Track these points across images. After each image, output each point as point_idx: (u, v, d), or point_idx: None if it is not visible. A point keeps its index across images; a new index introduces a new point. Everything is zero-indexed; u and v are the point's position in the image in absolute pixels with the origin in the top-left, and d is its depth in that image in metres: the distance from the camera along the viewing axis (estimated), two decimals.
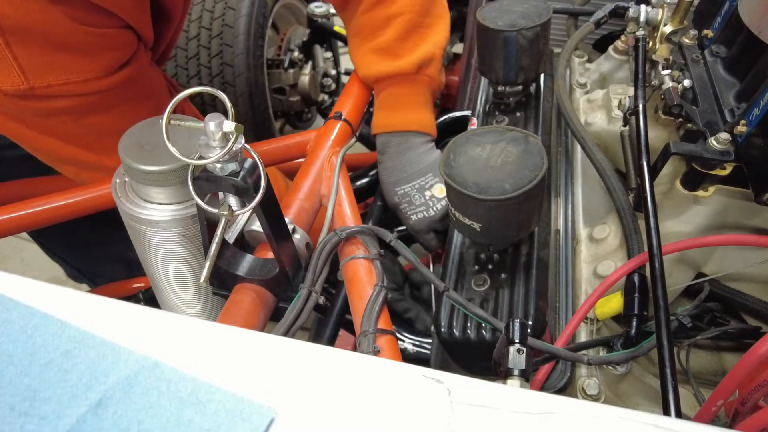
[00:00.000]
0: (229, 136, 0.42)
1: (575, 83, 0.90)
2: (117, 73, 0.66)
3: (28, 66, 0.59)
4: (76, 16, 0.58)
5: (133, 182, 0.58)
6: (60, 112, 0.66)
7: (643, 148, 0.60)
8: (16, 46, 0.57)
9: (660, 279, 0.50)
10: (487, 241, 0.60)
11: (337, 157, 0.74)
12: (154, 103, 0.73)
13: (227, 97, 0.41)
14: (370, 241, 0.61)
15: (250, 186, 0.45)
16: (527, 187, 0.51)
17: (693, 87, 0.64)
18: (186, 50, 1.29)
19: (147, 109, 0.70)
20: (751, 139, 0.54)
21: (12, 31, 0.56)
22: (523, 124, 0.79)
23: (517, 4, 0.76)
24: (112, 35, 0.64)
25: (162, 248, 0.60)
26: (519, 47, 0.73)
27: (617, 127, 0.74)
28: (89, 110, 0.67)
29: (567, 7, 1.01)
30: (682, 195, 0.62)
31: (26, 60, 0.59)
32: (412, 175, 0.80)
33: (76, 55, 0.62)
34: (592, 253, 0.69)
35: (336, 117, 0.80)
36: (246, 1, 1.28)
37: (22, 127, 0.68)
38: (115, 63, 0.65)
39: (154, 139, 0.56)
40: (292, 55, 1.48)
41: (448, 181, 0.54)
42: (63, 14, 0.57)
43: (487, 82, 0.85)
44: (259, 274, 0.56)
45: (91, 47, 0.62)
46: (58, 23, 0.58)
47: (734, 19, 0.64)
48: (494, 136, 0.57)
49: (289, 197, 0.69)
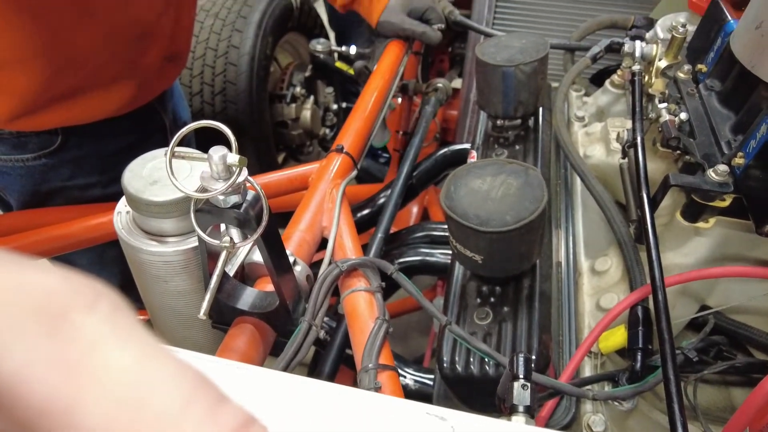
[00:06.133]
0: (232, 169, 0.42)
1: (573, 117, 0.92)
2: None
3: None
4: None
5: (135, 214, 0.58)
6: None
7: (643, 181, 0.60)
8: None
9: (664, 312, 0.50)
10: (489, 273, 0.60)
11: (338, 190, 0.74)
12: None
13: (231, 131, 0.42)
14: (371, 274, 0.60)
15: (253, 218, 0.45)
16: (528, 219, 0.52)
17: (689, 120, 0.65)
18: (190, 87, 1.32)
19: None
20: (749, 171, 0.55)
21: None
22: (522, 157, 0.79)
23: (515, 40, 0.78)
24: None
25: (162, 280, 0.59)
26: (517, 82, 0.74)
27: (616, 159, 0.75)
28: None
29: (564, 43, 1.03)
30: (683, 227, 0.63)
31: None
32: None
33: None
34: (594, 285, 0.69)
35: (338, 150, 0.81)
36: (249, 40, 1.31)
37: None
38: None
39: (158, 172, 0.56)
40: (295, 90, 1.51)
41: (449, 212, 0.54)
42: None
43: (486, 116, 0.86)
44: (259, 307, 0.56)
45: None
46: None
47: (727, 55, 0.66)
48: (494, 168, 0.58)
49: (290, 229, 0.69)
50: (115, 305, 0.19)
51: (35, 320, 0.18)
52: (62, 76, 0.74)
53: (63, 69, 0.73)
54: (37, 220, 0.82)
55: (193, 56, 1.32)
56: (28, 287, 0.18)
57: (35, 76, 0.71)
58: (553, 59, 0.97)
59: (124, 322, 0.19)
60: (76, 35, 0.72)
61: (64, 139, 0.80)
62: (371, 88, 0.96)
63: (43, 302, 0.18)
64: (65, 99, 0.76)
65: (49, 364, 0.17)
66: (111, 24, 0.75)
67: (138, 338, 0.19)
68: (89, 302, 0.19)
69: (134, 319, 0.20)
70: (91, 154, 0.84)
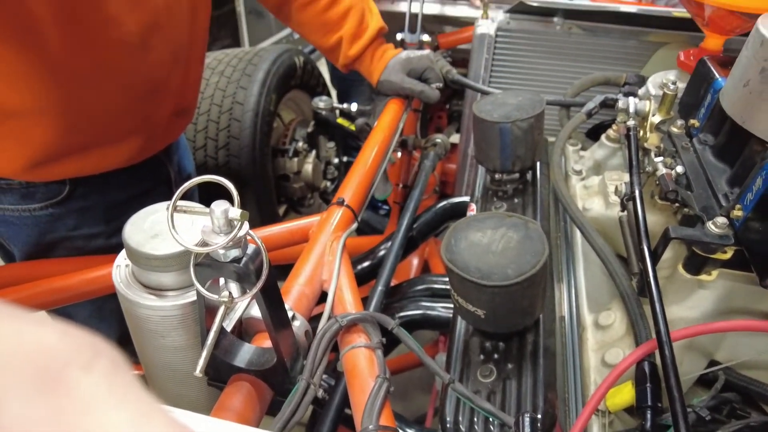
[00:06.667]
0: (234, 223, 0.42)
1: (571, 170, 0.93)
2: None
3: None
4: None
5: (135, 267, 0.58)
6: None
7: (643, 233, 0.60)
8: None
9: (672, 368, 0.48)
10: (492, 329, 0.59)
11: (338, 242, 0.74)
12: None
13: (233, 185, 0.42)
14: (371, 329, 0.59)
15: (252, 272, 0.45)
16: (530, 272, 0.51)
17: (686, 173, 0.66)
18: (194, 142, 1.35)
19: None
20: (749, 223, 0.55)
21: None
22: (521, 210, 0.80)
23: (511, 98, 0.80)
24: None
25: (159, 336, 0.58)
26: (514, 137, 0.76)
27: (615, 212, 0.75)
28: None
29: (559, 100, 1.07)
30: (686, 279, 0.62)
31: None
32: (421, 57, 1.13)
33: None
34: (598, 340, 0.67)
35: (339, 203, 0.82)
36: (253, 97, 1.35)
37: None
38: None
39: (159, 225, 0.57)
40: (297, 145, 1.54)
41: (450, 265, 0.53)
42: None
43: (485, 170, 0.88)
44: (256, 364, 0.54)
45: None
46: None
47: (717, 110, 0.67)
48: (494, 221, 0.58)
49: (290, 282, 0.68)
50: (113, 363, 0.19)
51: (32, 377, 0.17)
52: (76, 129, 0.76)
53: (77, 122, 0.75)
54: (38, 272, 0.82)
55: (198, 112, 1.35)
56: (25, 343, 0.18)
57: (50, 127, 0.73)
58: (549, 115, 1.00)
59: (121, 381, 0.19)
60: (91, 90, 0.74)
61: (72, 189, 0.81)
62: (372, 143, 0.98)
63: (40, 359, 0.18)
64: (77, 151, 0.78)
65: (43, 423, 0.17)
66: (125, 80, 0.78)
67: (134, 398, 0.19)
68: (87, 360, 0.19)
69: (131, 377, 0.19)
70: (97, 204, 0.85)
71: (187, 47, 0.86)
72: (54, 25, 0.66)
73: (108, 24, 0.71)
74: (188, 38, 0.85)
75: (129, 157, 0.84)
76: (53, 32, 0.67)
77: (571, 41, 1.34)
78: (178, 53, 0.84)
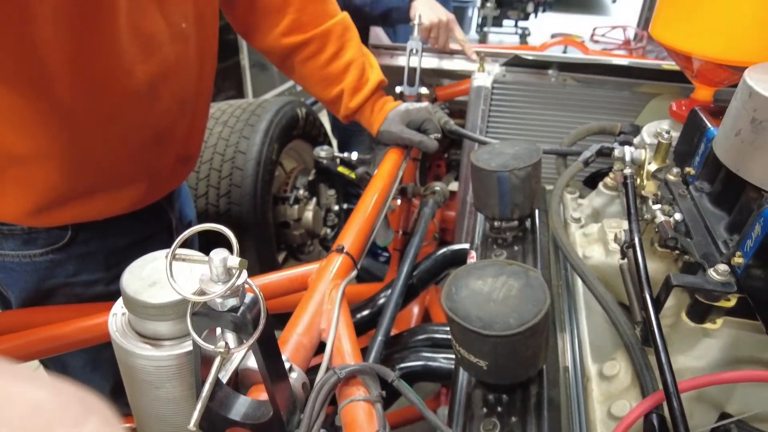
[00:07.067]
0: (232, 272, 0.42)
1: (569, 218, 0.94)
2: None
3: None
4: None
5: (131, 316, 0.57)
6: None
7: (645, 282, 0.60)
8: None
9: (681, 421, 0.47)
10: (494, 380, 0.58)
11: (337, 291, 0.73)
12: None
13: (233, 233, 0.42)
14: (370, 381, 0.58)
15: (249, 322, 0.45)
16: (532, 322, 0.50)
17: (684, 220, 0.66)
18: (196, 189, 1.36)
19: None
20: (750, 270, 0.55)
21: None
22: (521, 257, 0.80)
23: (508, 147, 0.82)
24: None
25: (153, 386, 0.57)
26: (512, 186, 0.77)
27: (615, 259, 0.75)
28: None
29: (556, 149, 1.09)
30: (690, 328, 0.61)
31: None
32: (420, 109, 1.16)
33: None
34: (603, 391, 0.65)
35: (338, 250, 0.82)
36: (255, 146, 1.37)
37: None
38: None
39: (157, 273, 0.56)
40: (298, 193, 1.56)
41: (451, 315, 0.53)
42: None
43: (484, 217, 0.88)
44: (252, 418, 0.53)
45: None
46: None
47: (711, 159, 0.68)
48: (495, 269, 0.58)
49: (287, 332, 0.67)
50: (104, 421, 0.19)
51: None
52: (81, 175, 0.76)
53: (82, 168, 0.76)
54: (34, 320, 0.80)
55: (201, 160, 1.37)
56: (16, 400, 0.18)
57: (55, 173, 0.74)
58: (547, 164, 1.02)
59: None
60: (97, 137, 0.76)
61: (74, 234, 0.81)
62: (372, 191, 0.99)
63: (29, 418, 0.18)
64: (81, 197, 0.78)
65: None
66: (131, 128, 0.79)
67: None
68: (77, 419, 0.18)
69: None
70: (98, 250, 0.85)
71: (193, 98, 0.88)
72: (65, 74, 0.68)
73: (119, 74, 0.73)
74: (195, 89, 0.88)
75: (132, 203, 0.85)
76: (64, 82, 0.68)
77: (566, 92, 1.37)
78: (184, 103, 0.86)
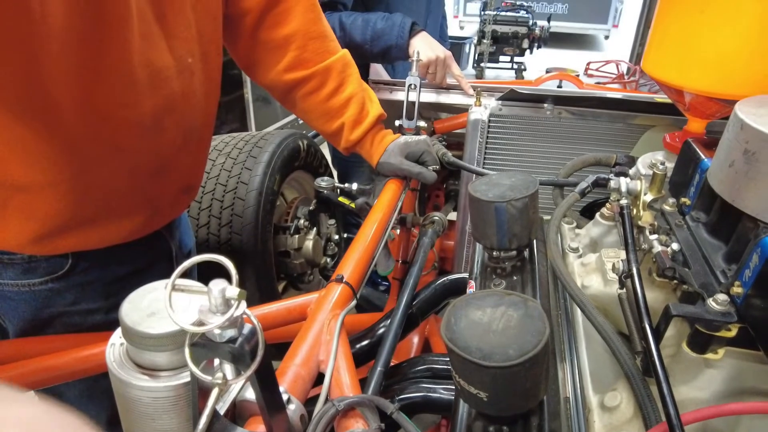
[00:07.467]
0: (231, 302, 0.42)
1: (567, 248, 0.94)
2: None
3: None
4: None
5: (129, 346, 0.56)
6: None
7: (644, 312, 0.60)
8: None
9: None
10: (495, 412, 0.57)
11: (336, 321, 0.73)
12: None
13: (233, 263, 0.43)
14: (369, 414, 0.57)
15: (247, 353, 0.44)
16: (532, 352, 0.50)
17: (681, 250, 0.66)
18: (197, 219, 1.37)
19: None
20: (750, 300, 0.55)
21: None
22: (520, 287, 0.80)
23: (505, 179, 0.83)
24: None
25: (150, 418, 0.56)
26: (510, 216, 0.78)
27: (614, 289, 0.75)
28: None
29: (552, 180, 1.10)
30: (692, 358, 0.61)
31: None
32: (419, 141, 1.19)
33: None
34: (605, 423, 0.64)
35: (338, 280, 0.82)
36: (257, 177, 1.39)
37: None
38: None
39: (157, 304, 0.56)
40: (299, 222, 1.57)
41: (451, 345, 0.53)
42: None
43: (482, 247, 0.88)
44: None
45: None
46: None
47: (706, 189, 0.69)
48: (494, 300, 0.58)
49: (285, 363, 0.67)
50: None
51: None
52: (83, 204, 0.77)
53: (85, 197, 0.77)
54: (31, 350, 0.80)
55: (204, 191, 1.39)
56: (9, 422, 0.18)
57: (57, 202, 0.74)
58: (544, 195, 1.03)
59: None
60: (101, 167, 0.76)
61: (74, 263, 0.81)
62: (371, 221, 1.00)
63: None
64: (82, 225, 0.79)
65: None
66: (135, 159, 0.80)
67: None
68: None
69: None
70: (98, 279, 0.85)
71: (198, 130, 0.90)
72: (73, 106, 0.69)
73: (127, 107, 0.75)
74: (199, 122, 0.90)
75: (133, 232, 0.85)
76: (70, 113, 0.69)
77: (561, 125, 1.40)
78: (188, 135, 0.87)
